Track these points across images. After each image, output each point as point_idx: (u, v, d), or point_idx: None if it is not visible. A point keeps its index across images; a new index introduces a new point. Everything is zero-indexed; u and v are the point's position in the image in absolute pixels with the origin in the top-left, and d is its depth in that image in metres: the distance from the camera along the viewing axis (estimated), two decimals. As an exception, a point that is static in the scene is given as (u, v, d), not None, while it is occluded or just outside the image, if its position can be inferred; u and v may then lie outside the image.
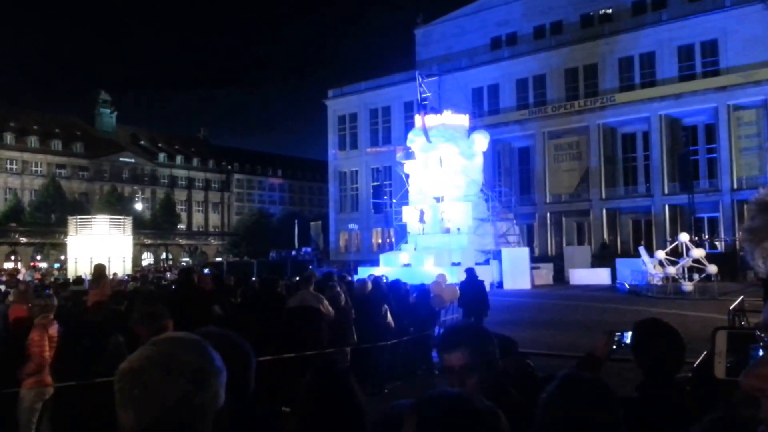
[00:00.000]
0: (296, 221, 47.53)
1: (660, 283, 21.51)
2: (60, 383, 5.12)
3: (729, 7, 34.39)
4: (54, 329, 5.39)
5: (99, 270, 9.17)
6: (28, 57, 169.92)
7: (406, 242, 30.12)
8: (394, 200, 35.74)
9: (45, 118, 70.31)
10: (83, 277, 15.62)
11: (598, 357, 2.44)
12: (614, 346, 2.41)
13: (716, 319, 12.18)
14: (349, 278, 12.18)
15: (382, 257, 29.30)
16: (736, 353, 0.54)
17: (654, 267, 22.02)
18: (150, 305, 5.00)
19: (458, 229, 28.62)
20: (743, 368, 0.51)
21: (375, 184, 44.43)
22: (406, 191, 32.75)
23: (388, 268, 24.07)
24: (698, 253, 21.17)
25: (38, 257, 56.38)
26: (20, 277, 23.21)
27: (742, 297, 12.83)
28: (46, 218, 56.20)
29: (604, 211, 35.87)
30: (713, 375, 0.58)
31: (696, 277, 20.90)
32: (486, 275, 24.65)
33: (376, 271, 17.33)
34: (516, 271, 26.24)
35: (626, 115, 35.17)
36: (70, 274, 23.16)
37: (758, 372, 0.47)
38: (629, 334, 2.34)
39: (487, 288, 23.04)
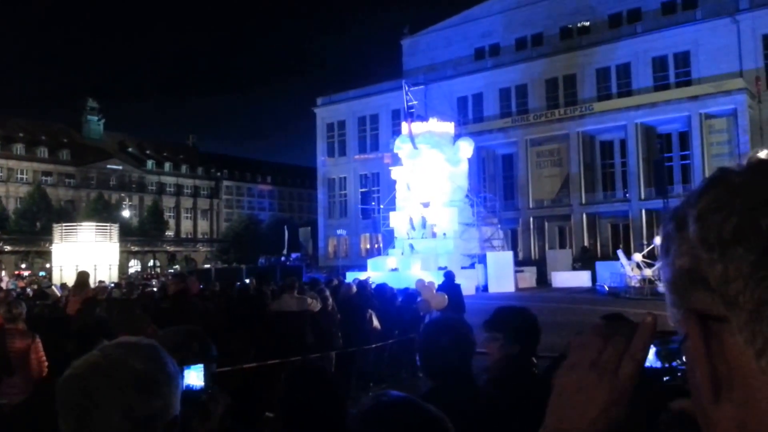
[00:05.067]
0: (285, 227, 47.90)
1: (637, 284, 21.91)
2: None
3: (700, 20, 35.90)
4: (20, 340, 5.14)
5: (82, 277, 8.86)
6: (14, 63, 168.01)
7: (394, 247, 30.73)
8: (381, 206, 36.14)
9: (31, 125, 69.86)
10: (55, 288, 15.13)
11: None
12: None
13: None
14: (336, 282, 12.07)
15: (369, 262, 29.34)
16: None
17: (632, 269, 22.43)
18: (129, 312, 5.21)
19: (444, 234, 29.27)
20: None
21: (363, 190, 45.12)
22: (394, 197, 33.06)
23: (376, 272, 24.02)
24: (674, 255, 22.13)
25: (23, 265, 56.01)
26: (2, 285, 22.97)
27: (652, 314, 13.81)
28: (32, 226, 55.87)
29: (584, 215, 36.58)
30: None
31: (672, 278, 21.83)
32: (471, 279, 25.14)
33: (362, 276, 17.61)
34: (500, 274, 26.61)
35: (604, 123, 36.00)
36: (56, 282, 22.36)
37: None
38: None
39: (473, 291, 24.09)
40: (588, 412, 0.57)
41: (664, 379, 0.57)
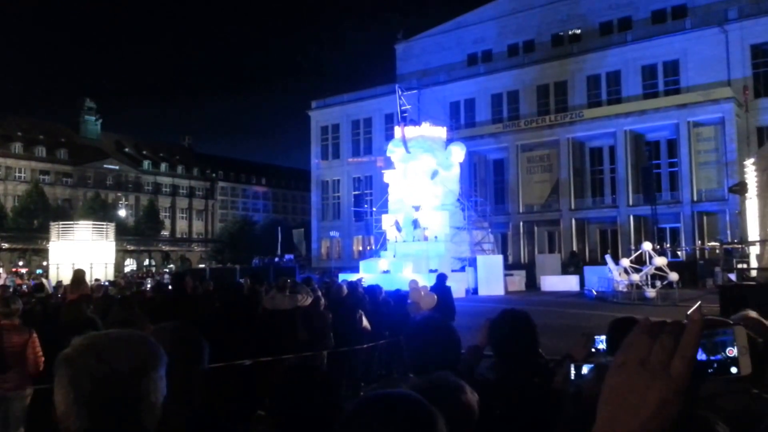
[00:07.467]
0: (279, 228, 48.30)
1: (625, 289, 22.00)
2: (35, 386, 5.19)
3: (689, 29, 36.42)
4: (17, 336, 5.23)
5: (78, 275, 8.89)
6: (12, 63, 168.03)
7: (386, 249, 30.90)
8: (374, 209, 36.40)
9: (29, 125, 70.18)
10: (46, 283, 15.25)
11: (575, 360, 2.40)
12: (591, 350, 2.44)
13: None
14: (330, 282, 12.28)
15: (361, 264, 29.35)
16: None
17: (619, 274, 22.54)
18: (125, 311, 5.27)
19: (435, 237, 29.44)
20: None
21: (356, 192, 45.39)
22: (386, 200, 33.21)
23: (368, 274, 24.18)
24: (660, 261, 21.63)
25: (20, 263, 56.29)
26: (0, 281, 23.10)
27: (699, 303, 13.90)
28: (29, 224, 56.24)
29: (573, 221, 36.92)
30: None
31: (658, 284, 21.36)
32: (462, 282, 25.10)
33: (354, 278, 17.55)
34: (490, 277, 26.74)
35: (594, 130, 36.37)
36: (52, 279, 22.57)
37: None
38: (603, 338, 2.37)
39: (463, 294, 24.37)
40: (641, 413, 0.56)
41: (709, 371, 0.57)
